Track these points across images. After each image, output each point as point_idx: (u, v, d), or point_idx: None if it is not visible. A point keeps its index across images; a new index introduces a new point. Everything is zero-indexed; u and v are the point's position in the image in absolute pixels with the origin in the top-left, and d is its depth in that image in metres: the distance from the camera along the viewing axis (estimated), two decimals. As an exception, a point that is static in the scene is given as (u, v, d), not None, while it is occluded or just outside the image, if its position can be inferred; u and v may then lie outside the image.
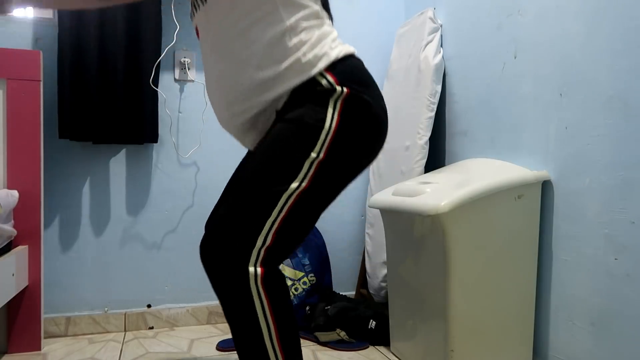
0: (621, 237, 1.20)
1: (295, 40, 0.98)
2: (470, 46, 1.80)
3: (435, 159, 1.98)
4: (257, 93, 1.00)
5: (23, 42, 1.84)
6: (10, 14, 1.15)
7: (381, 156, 2.08)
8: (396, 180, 1.93)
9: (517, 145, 1.56)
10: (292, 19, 0.98)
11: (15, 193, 1.64)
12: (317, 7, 1.03)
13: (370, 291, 2.08)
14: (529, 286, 1.44)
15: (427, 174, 1.74)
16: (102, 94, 1.84)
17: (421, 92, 1.88)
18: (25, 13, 1.88)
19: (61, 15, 1.79)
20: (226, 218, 0.91)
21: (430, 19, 1.93)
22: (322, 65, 0.98)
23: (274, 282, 0.89)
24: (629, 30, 1.19)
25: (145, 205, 2.00)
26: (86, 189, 1.94)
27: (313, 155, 0.93)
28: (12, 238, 1.66)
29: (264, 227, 0.89)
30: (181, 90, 2.03)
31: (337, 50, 1.02)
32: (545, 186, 1.43)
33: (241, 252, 0.87)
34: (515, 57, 1.57)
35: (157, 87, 1.92)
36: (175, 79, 2.02)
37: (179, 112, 2.03)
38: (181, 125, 2.03)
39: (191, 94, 2.04)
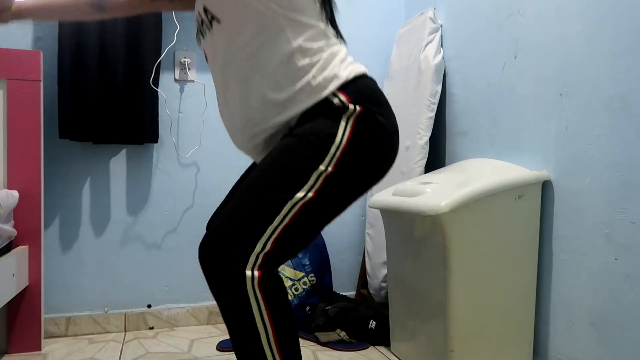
0: (621, 237, 1.20)
1: (304, 61, 0.98)
2: (471, 46, 1.80)
3: (436, 159, 1.98)
4: (270, 116, 1.00)
5: (23, 42, 1.84)
6: (9, 23, 1.14)
7: (381, 156, 2.08)
8: (396, 180, 1.93)
9: (517, 145, 1.56)
10: (299, 40, 0.98)
11: (15, 193, 1.64)
12: (323, 26, 1.02)
13: (371, 291, 2.08)
14: (529, 286, 1.44)
15: (427, 174, 1.74)
16: (102, 94, 1.84)
17: (421, 92, 1.88)
18: (25, 13, 1.88)
19: (61, 15, 1.79)
20: (227, 220, 0.91)
21: (431, 19, 1.93)
22: (332, 87, 0.97)
23: (271, 284, 0.88)
24: (630, 31, 1.19)
25: (146, 206, 2.00)
26: (86, 189, 1.94)
27: (322, 168, 0.92)
28: (12, 238, 1.66)
29: (265, 233, 0.88)
30: (181, 90, 2.03)
31: (348, 70, 1.00)
32: (546, 186, 1.43)
33: (239, 255, 0.87)
34: (515, 57, 1.57)
35: (157, 88, 1.92)
36: (175, 79, 2.02)
37: (179, 112, 2.03)
38: (181, 125, 2.03)
39: (191, 94, 2.04)
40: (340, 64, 1.01)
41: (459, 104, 1.87)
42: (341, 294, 2.15)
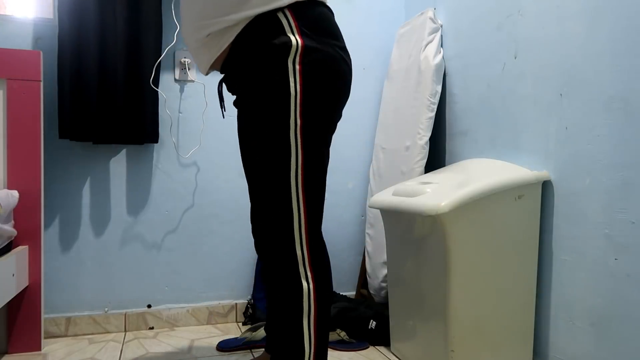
0: (621, 237, 1.20)
1: None
2: (471, 46, 1.80)
3: (436, 159, 1.98)
4: (219, 12, 1.03)
5: (23, 42, 1.84)
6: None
7: (381, 156, 2.09)
8: (396, 180, 1.93)
9: (517, 145, 1.56)
10: None
11: (15, 193, 1.64)
12: None
13: (371, 291, 2.08)
14: (529, 286, 1.44)
15: (428, 174, 1.74)
16: (102, 94, 1.84)
17: (421, 92, 1.88)
18: (25, 13, 1.88)
19: (61, 15, 1.79)
20: (263, 217, 1.02)
21: (431, 19, 1.93)
22: (287, 0, 1.00)
23: (320, 264, 0.97)
24: (629, 30, 1.19)
25: (146, 206, 2.00)
26: (86, 189, 1.94)
27: (292, 124, 0.98)
28: (13, 238, 1.66)
29: (293, 211, 0.98)
30: (181, 90, 2.03)
31: None
32: (546, 186, 1.43)
33: (286, 240, 0.97)
34: (515, 57, 1.57)
35: (157, 88, 1.92)
36: (175, 79, 2.02)
37: (179, 112, 2.03)
38: (181, 125, 2.03)
39: (191, 94, 2.04)
40: None
41: (459, 104, 1.87)
42: (341, 294, 2.15)
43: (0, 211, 1.47)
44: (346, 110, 2.16)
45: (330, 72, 1.04)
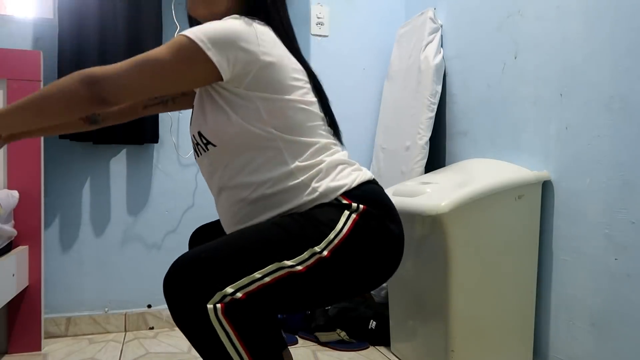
0: (621, 237, 1.20)
1: (303, 177, 0.94)
2: (471, 46, 1.80)
3: (436, 159, 1.98)
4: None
5: (23, 42, 1.84)
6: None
7: (382, 156, 2.09)
8: (396, 180, 1.93)
9: (517, 145, 1.56)
10: (297, 160, 0.95)
11: (15, 193, 1.64)
12: (324, 141, 0.99)
13: (371, 291, 2.08)
14: (529, 286, 1.44)
15: (428, 174, 1.74)
16: (103, 94, 1.83)
17: (421, 93, 1.88)
18: (25, 13, 1.88)
19: (61, 15, 1.79)
20: (206, 254, 0.85)
21: (431, 19, 1.94)
22: (334, 196, 0.94)
23: (238, 309, 0.82)
24: (629, 31, 1.19)
25: (146, 206, 2.00)
26: (86, 189, 1.94)
27: (317, 249, 0.88)
28: (13, 238, 1.66)
29: (240, 281, 0.83)
30: (181, 90, 2.03)
31: (351, 178, 0.97)
32: (546, 186, 1.43)
33: (205, 289, 0.81)
34: (515, 58, 1.57)
35: (157, 88, 1.92)
36: (175, 79, 2.02)
37: (179, 112, 2.03)
38: (181, 125, 2.03)
39: (191, 94, 2.04)
40: (340, 173, 0.97)
41: (459, 104, 1.87)
42: (341, 294, 2.14)
43: (1, 211, 1.47)
44: (346, 111, 2.16)
45: (386, 241, 0.95)
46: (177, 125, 2.03)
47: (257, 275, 0.84)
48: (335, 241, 0.89)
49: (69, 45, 1.79)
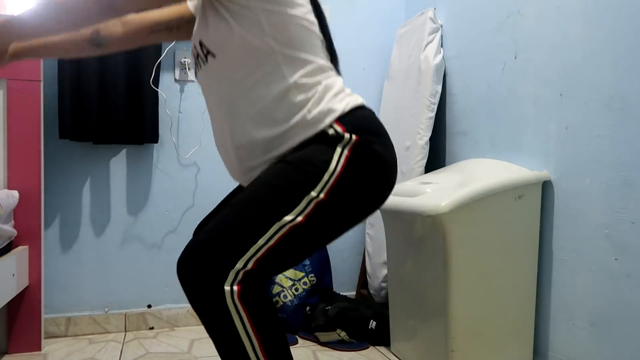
0: (621, 237, 1.20)
1: (300, 97, 0.96)
2: (471, 46, 1.80)
3: (436, 159, 1.98)
4: (265, 151, 0.98)
5: (23, 42, 1.84)
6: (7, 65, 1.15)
7: (381, 156, 2.08)
8: (396, 180, 1.93)
9: (517, 145, 1.56)
10: (296, 76, 0.96)
11: (15, 193, 1.64)
12: (322, 62, 0.99)
13: (371, 291, 2.08)
14: (529, 286, 1.44)
15: (428, 174, 1.74)
16: (103, 94, 1.84)
17: (421, 92, 1.88)
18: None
19: (61, 15, 1.78)
20: (210, 235, 0.88)
21: (431, 19, 1.94)
22: (328, 120, 0.95)
23: (253, 296, 0.86)
24: (630, 31, 1.19)
25: (146, 206, 2.00)
26: (86, 189, 1.94)
27: (313, 194, 0.90)
28: (13, 238, 1.66)
29: (248, 252, 0.86)
30: (181, 90, 2.03)
31: (344, 102, 0.98)
32: (546, 186, 1.43)
33: (218, 271, 0.85)
34: (515, 58, 1.57)
35: (157, 88, 1.92)
36: (175, 79, 2.02)
37: (179, 112, 2.03)
38: (181, 125, 2.03)
39: (191, 94, 2.04)
40: (335, 97, 0.98)
41: (459, 104, 1.87)
42: (341, 294, 2.15)
43: (1, 211, 1.47)
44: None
45: (380, 170, 0.97)
46: (177, 125, 2.03)
47: (261, 242, 0.87)
48: (331, 181, 0.91)
49: (69, 45, 1.79)
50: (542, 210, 1.44)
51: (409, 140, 1.91)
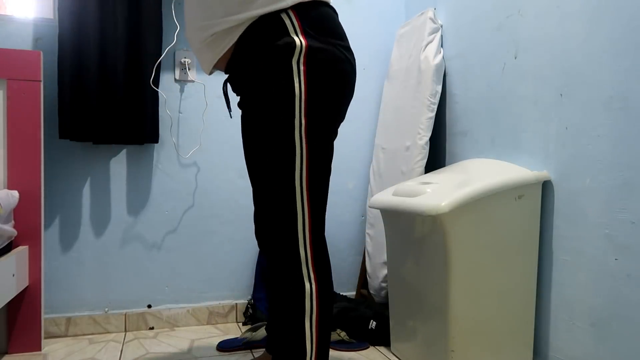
0: (621, 237, 1.20)
1: None
2: (471, 46, 1.80)
3: (436, 159, 1.98)
4: (223, 13, 1.03)
5: (23, 42, 1.84)
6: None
7: (382, 156, 2.09)
8: (396, 180, 1.93)
9: (517, 145, 1.56)
10: None
11: (15, 193, 1.64)
12: None
13: (371, 291, 2.08)
14: (530, 286, 1.44)
15: (428, 174, 1.74)
16: (103, 94, 1.84)
17: (421, 93, 1.88)
18: (25, 13, 1.89)
19: (61, 15, 1.79)
20: (267, 218, 1.01)
21: (431, 19, 1.94)
22: (291, 1, 1.00)
23: (322, 265, 0.97)
24: (630, 30, 1.19)
25: (146, 206, 2.00)
26: (86, 189, 1.94)
27: (297, 125, 0.98)
28: (13, 238, 1.66)
29: (297, 212, 0.98)
30: (181, 90, 2.03)
31: None
32: (546, 186, 1.43)
33: (289, 241, 0.97)
34: (515, 58, 1.57)
35: (157, 88, 1.92)
36: (175, 79, 2.02)
37: (180, 112, 2.03)
38: (182, 125, 2.03)
39: (192, 94, 2.04)
40: None
41: (459, 104, 1.87)
42: (341, 294, 2.15)
43: (1, 211, 1.47)
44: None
45: (334, 73, 1.04)
46: (177, 125, 2.03)
47: (299, 215, 1.00)
48: (303, 105, 0.99)
49: (69, 45, 1.79)
50: (542, 210, 1.44)
51: (409, 140, 1.91)
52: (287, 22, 0.99)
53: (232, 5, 1.02)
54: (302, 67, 0.98)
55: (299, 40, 0.98)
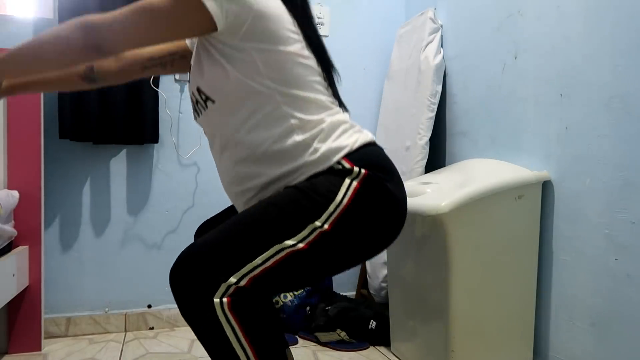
0: (621, 237, 1.20)
1: (304, 136, 0.93)
2: (471, 47, 1.80)
3: (436, 159, 1.98)
4: (273, 187, 0.97)
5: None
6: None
7: (381, 156, 2.08)
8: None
9: (517, 145, 1.56)
10: (298, 115, 0.94)
11: (15, 193, 1.64)
12: (323, 97, 0.97)
13: (371, 291, 2.08)
14: (530, 286, 1.44)
15: (428, 175, 1.74)
16: (103, 94, 1.84)
17: (421, 93, 1.88)
18: (25, 13, 1.88)
19: (61, 15, 1.79)
20: (207, 245, 0.86)
21: (431, 19, 1.94)
22: (336, 158, 0.93)
23: (245, 305, 0.84)
24: (630, 31, 1.19)
25: (146, 206, 2.00)
26: (86, 189, 1.94)
27: (317, 223, 0.87)
28: (13, 238, 1.66)
29: (242, 268, 0.84)
30: (181, 90, 2.03)
31: (352, 139, 0.96)
32: (546, 186, 1.43)
33: (209, 282, 0.82)
34: (515, 58, 1.57)
35: (157, 88, 1.92)
36: (175, 79, 2.02)
37: (180, 112, 2.03)
38: (181, 125, 2.03)
39: (191, 94, 2.04)
40: (343, 134, 0.96)
41: (459, 104, 1.87)
42: (341, 294, 2.15)
43: (1, 211, 1.47)
44: (346, 111, 2.16)
45: (389, 207, 0.94)
46: (177, 125, 2.03)
47: (258, 261, 0.84)
48: (336, 213, 0.89)
49: (69, 45, 1.79)
50: (542, 210, 1.44)
51: (409, 140, 1.91)
52: (339, 167, 0.92)
53: (276, 181, 0.95)
54: (354, 184, 0.90)
55: (357, 169, 0.91)
